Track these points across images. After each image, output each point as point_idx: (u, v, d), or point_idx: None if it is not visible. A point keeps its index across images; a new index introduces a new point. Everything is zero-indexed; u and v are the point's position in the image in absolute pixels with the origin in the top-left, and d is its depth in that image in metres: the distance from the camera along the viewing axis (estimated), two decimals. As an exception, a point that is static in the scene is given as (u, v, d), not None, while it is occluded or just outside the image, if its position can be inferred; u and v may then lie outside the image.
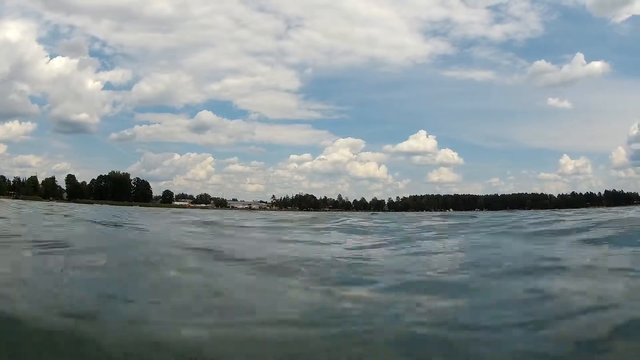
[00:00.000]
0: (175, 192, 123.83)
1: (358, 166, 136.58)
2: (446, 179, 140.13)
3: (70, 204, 61.81)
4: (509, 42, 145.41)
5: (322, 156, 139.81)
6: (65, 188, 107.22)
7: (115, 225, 12.39)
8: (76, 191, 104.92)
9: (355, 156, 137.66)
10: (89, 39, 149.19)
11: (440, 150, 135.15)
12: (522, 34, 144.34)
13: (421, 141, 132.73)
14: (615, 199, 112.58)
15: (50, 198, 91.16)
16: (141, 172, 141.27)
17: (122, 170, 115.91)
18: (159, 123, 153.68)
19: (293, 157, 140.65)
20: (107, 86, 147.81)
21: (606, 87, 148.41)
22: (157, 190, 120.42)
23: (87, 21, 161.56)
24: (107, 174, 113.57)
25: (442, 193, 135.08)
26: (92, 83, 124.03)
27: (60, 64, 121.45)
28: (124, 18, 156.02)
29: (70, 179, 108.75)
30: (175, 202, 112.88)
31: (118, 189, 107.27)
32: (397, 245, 7.10)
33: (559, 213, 26.73)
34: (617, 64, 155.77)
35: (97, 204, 73.64)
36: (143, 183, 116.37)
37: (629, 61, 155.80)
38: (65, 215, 16.43)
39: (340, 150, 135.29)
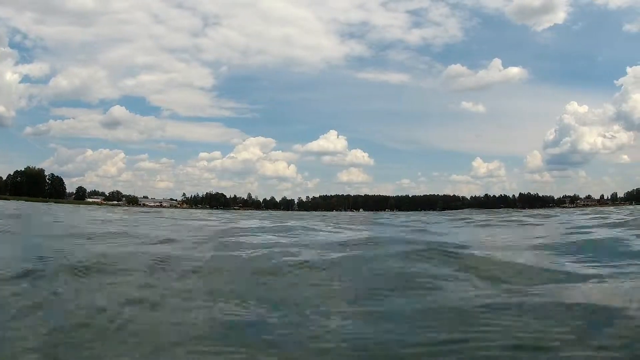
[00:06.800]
0: (88, 188, 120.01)
1: (268, 165, 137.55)
2: (356, 179, 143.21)
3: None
4: (426, 47, 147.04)
5: (232, 154, 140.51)
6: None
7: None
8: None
9: (265, 155, 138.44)
10: (10, 31, 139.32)
11: (351, 150, 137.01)
12: (440, 38, 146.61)
13: (331, 141, 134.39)
14: (530, 201, 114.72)
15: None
16: (54, 167, 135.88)
17: (36, 165, 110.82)
18: (73, 118, 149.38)
19: (203, 154, 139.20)
20: (25, 79, 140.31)
21: (523, 92, 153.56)
22: (69, 186, 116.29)
23: (11, 12, 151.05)
24: (22, 169, 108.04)
25: (352, 193, 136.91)
26: (10, 75, 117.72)
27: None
28: (46, 10, 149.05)
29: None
30: (88, 199, 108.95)
31: (33, 185, 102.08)
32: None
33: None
34: (535, 71, 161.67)
35: (14, 200, 72.36)
36: (57, 179, 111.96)
37: (548, 68, 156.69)
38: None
39: (251, 149, 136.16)
